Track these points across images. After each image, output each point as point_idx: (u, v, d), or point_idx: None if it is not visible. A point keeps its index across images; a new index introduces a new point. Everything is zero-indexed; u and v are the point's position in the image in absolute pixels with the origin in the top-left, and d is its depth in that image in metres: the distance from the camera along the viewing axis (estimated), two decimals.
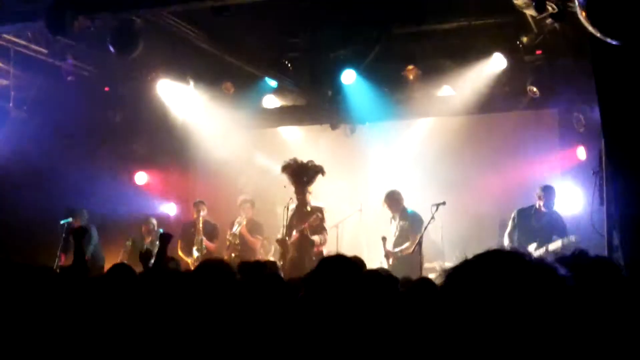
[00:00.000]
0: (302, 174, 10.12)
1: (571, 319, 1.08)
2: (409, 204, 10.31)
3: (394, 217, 10.39)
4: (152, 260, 6.75)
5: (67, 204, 11.05)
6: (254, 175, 12.87)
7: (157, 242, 6.85)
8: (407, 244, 9.93)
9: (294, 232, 10.05)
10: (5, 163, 10.92)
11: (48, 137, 11.32)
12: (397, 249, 9.99)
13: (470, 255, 1.28)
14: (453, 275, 1.18)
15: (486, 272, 1.15)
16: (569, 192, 9.95)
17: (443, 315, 1.13)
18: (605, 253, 6.23)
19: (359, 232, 12.02)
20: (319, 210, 10.15)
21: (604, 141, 6.34)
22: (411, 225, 10.04)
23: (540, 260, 1.16)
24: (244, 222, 11.20)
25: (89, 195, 11.52)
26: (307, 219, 10.00)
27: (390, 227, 10.41)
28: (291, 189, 10.26)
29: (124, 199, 12.13)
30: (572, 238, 8.81)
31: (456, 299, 1.14)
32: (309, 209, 10.12)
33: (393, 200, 10.33)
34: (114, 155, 12.41)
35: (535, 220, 9.55)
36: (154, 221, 11.64)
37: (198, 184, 13.35)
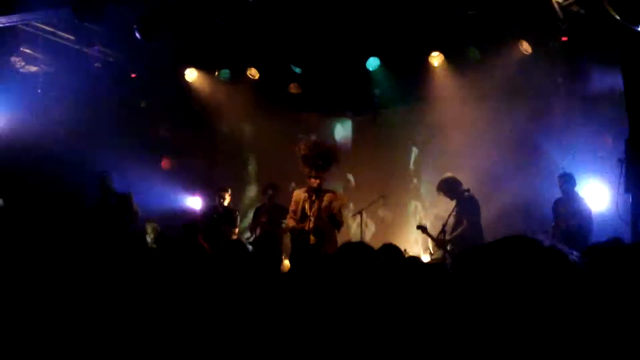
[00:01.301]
0: (318, 157, 9.86)
1: (581, 303, 1.11)
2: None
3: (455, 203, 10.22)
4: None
5: (92, 190, 11.17)
6: (277, 160, 12.94)
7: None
8: (460, 229, 9.79)
9: (312, 220, 9.83)
10: (32, 148, 11.03)
11: (75, 123, 11.44)
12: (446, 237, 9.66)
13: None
14: (465, 258, 1.21)
15: (497, 256, 1.18)
16: (594, 180, 9.91)
17: (454, 295, 1.17)
18: (629, 240, 6.20)
19: (386, 217, 12.09)
20: (334, 193, 9.97)
21: (630, 128, 6.32)
22: (465, 207, 9.82)
23: (552, 246, 1.19)
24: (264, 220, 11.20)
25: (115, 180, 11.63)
26: (324, 203, 9.86)
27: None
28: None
29: (150, 185, 12.25)
30: None
31: (467, 281, 1.17)
32: (322, 193, 9.94)
33: (449, 186, 10.11)
34: (140, 141, 12.52)
35: (562, 206, 9.58)
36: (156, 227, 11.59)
37: (222, 169, 13.42)
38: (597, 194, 9.81)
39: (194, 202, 13.13)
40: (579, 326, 1.08)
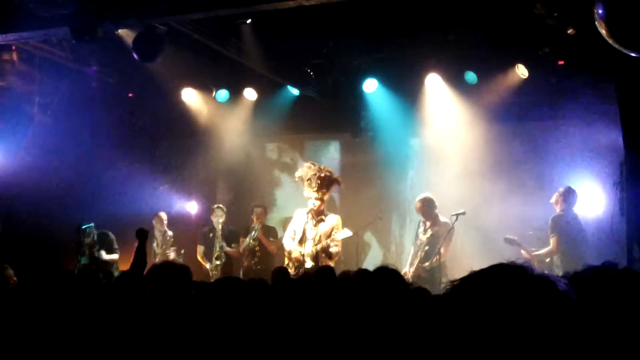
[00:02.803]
0: (318, 181, 9.92)
1: (571, 334, 1.09)
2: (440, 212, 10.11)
3: (425, 225, 10.16)
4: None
5: (89, 209, 11.15)
6: (273, 181, 12.95)
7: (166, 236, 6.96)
8: (437, 257, 9.74)
9: (311, 243, 9.81)
10: (28, 167, 11.00)
11: (71, 143, 11.41)
12: (426, 263, 9.74)
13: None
14: (458, 286, 1.20)
15: (487, 284, 1.17)
16: (589, 204, 9.87)
17: (444, 323, 1.16)
18: (625, 264, 6.16)
19: (379, 240, 12.06)
20: (336, 220, 9.97)
21: (625, 151, 6.32)
22: (443, 233, 9.85)
23: (541, 274, 1.17)
24: (259, 227, 11.12)
25: (111, 199, 11.61)
26: (325, 228, 9.85)
27: (420, 235, 10.26)
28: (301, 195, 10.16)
29: (147, 202, 12.23)
30: None
31: (457, 308, 1.16)
32: (323, 218, 9.95)
33: (427, 206, 10.13)
34: (137, 161, 12.51)
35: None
36: (163, 215, 11.61)
37: (219, 189, 13.40)
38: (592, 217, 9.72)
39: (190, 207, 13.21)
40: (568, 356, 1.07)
